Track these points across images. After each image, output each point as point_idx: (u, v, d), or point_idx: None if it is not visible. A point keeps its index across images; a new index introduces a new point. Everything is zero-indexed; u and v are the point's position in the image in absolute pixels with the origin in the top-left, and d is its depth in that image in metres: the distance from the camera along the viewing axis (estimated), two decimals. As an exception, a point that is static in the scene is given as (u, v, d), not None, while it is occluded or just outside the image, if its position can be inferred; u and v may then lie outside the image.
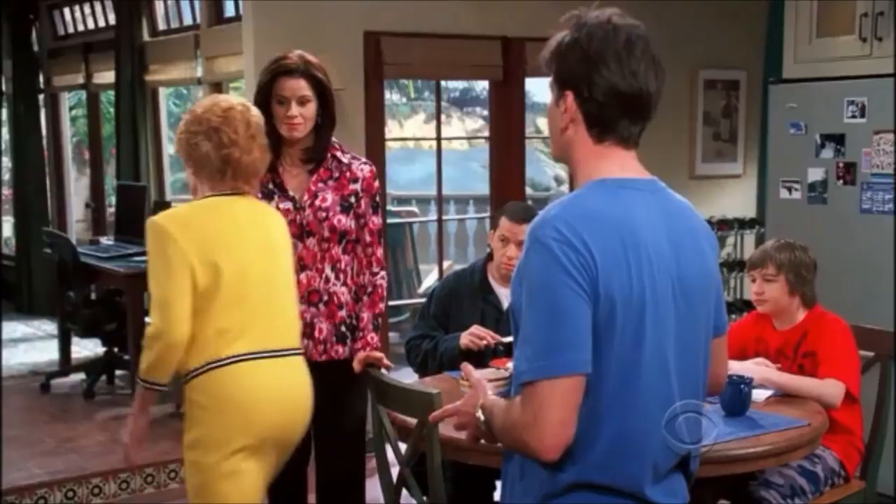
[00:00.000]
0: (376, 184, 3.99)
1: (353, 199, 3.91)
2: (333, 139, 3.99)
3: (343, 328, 3.94)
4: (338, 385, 3.91)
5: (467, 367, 2.45)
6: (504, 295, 4.56)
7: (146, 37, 8.52)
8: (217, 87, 7.74)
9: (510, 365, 3.15)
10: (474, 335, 4.34)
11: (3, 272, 11.21)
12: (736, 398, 3.64)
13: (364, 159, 4.05)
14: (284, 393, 3.45)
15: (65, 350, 7.74)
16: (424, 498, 3.49)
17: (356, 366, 3.86)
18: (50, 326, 9.36)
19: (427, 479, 3.37)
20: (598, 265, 2.10)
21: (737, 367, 3.84)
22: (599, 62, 2.21)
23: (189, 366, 3.34)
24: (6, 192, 12.21)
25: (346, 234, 3.90)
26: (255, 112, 3.57)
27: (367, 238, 3.94)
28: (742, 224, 7.96)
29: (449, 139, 11.79)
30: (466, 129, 15.67)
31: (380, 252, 3.96)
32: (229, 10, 7.41)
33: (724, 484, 3.88)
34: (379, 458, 3.64)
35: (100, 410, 6.91)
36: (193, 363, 3.34)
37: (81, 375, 7.49)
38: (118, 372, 7.44)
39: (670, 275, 2.19)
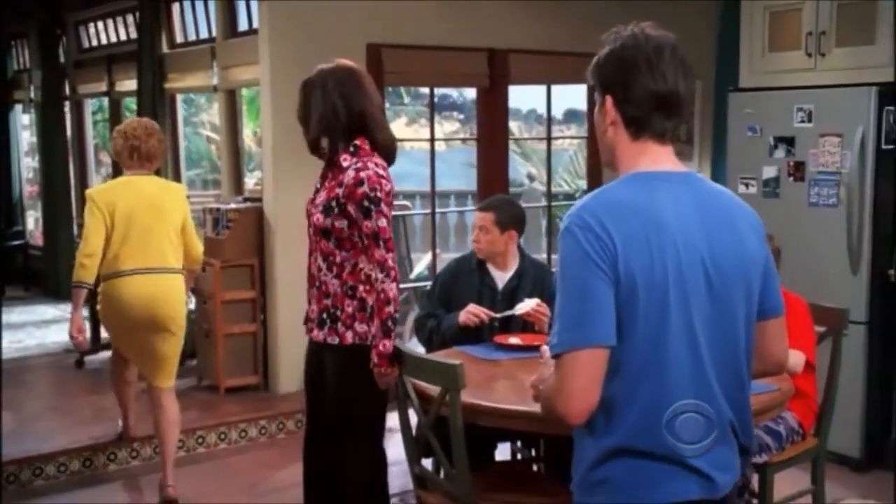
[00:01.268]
0: (360, 190, 3.66)
1: (334, 203, 3.72)
2: (357, 142, 3.79)
3: (325, 315, 3.79)
4: (319, 362, 3.88)
5: (544, 347, 2.44)
6: (499, 277, 4.62)
7: (165, 48, 8.50)
8: (231, 94, 7.75)
9: None
10: (471, 313, 4.40)
11: (32, 261, 11.20)
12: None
13: (361, 166, 3.72)
14: (151, 294, 4.97)
15: (95, 330, 7.72)
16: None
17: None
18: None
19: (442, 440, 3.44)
20: (618, 249, 2.10)
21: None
22: (633, 67, 2.22)
23: (100, 275, 4.97)
24: (30, 189, 12.19)
25: (327, 231, 3.75)
26: (152, 124, 5.34)
27: (365, 241, 3.71)
28: (698, 216, 8.04)
29: (443, 140, 11.78)
30: (444, 131, 15.70)
31: (379, 254, 3.66)
32: (243, 25, 7.40)
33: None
34: (402, 419, 3.68)
35: (129, 383, 6.89)
36: (102, 274, 4.96)
37: (110, 353, 7.47)
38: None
39: (700, 257, 2.17)
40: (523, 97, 13.85)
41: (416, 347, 4.58)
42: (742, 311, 2.25)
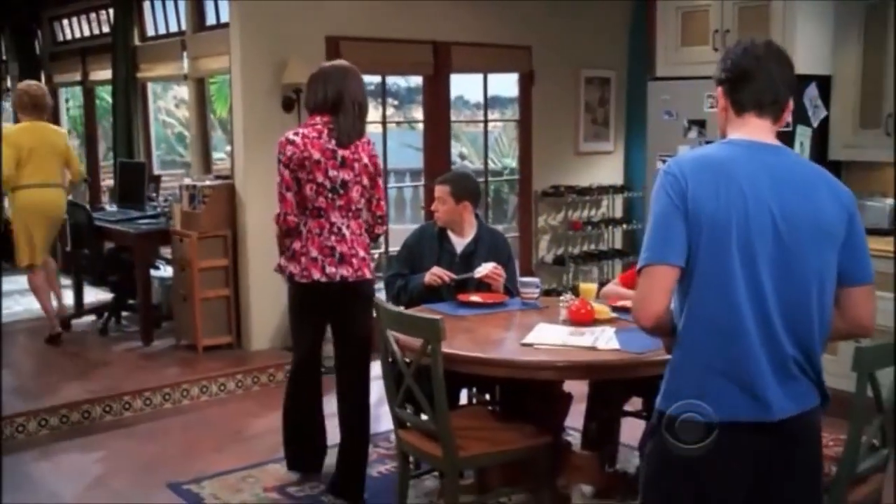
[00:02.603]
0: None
1: None
2: (311, 119, 4.28)
3: None
4: None
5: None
6: (457, 242, 4.63)
7: (137, 41, 8.30)
8: (200, 82, 7.62)
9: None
10: (434, 274, 4.43)
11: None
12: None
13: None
14: (44, 200, 6.52)
15: (78, 297, 7.58)
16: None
17: None
18: (56, 279, 9.16)
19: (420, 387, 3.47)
20: (689, 190, 2.28)
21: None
22: (739, 61, 2.40)
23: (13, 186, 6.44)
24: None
25: None
26: (43, 86, 7.11)
27: None
28: (615, 189, 8.13)
29: (398, 123, 11.69)
30: (380, 115, 15.71)
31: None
32: (210, 19, 7.27)
33: (638, 382, 3.99)
34: (384, 368, 3.67)
35: (114, 344, 6.77)
36: (15, 184, 6.40)
37: (92, 317, 7.34)
38: (124, 313, 7.29)
39: (769, 209, 2.27)
40: (452, 85, 13.74)
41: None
42: (814, 262, 2.32)
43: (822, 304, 2.33)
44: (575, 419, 4.18)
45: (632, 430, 4.49)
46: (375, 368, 4.09)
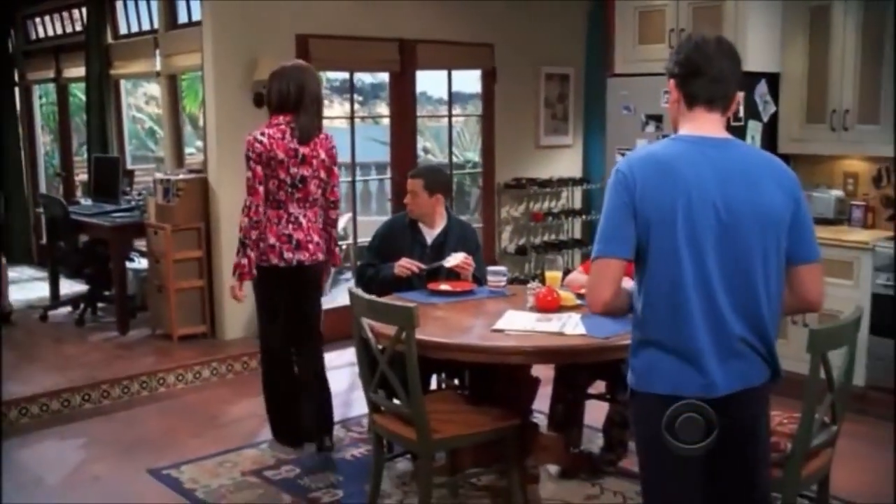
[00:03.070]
0: (244, 148, 4.38)
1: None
2: (273, 119, 4.43)
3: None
4: None
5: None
6: (428, 233, 4.63)
7: (110, 39, 8.20)
8: (173, 79, 7.54)
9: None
10: (402, 266, 4.45)
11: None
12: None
13: (252, 132, 4.40)
14: None
15: (54, 288, 7.49)
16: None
17: None
18: (31, 271, 9.04)
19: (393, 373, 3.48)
20: (637, 188, 2.36)
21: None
22: (691, 56, 2.45)
23: None
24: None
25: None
26: None
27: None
28: (574, 182, 8.17)
29: (366, 118, 11.63)
30: (345, 111, 15.64)
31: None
32: (182, 18, 7.20)
33: (601, 366, 4.03)
34: (359, 354, 3.67)
35: (91, 334, 6.70)
36: None
37: (69, 308, 7.25)
38: (99, 305, 7.21)
39: (712, 201, 2.33)
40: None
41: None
42: (758, 247, 2.38)
43: (770, 285, 2.40)
44: (541, 402, 4.21)
45: (596, 413, 4.54)
46: (347, 355, 4.07)
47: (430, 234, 4.63)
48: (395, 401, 3.62)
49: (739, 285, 2.36)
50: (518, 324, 3.69)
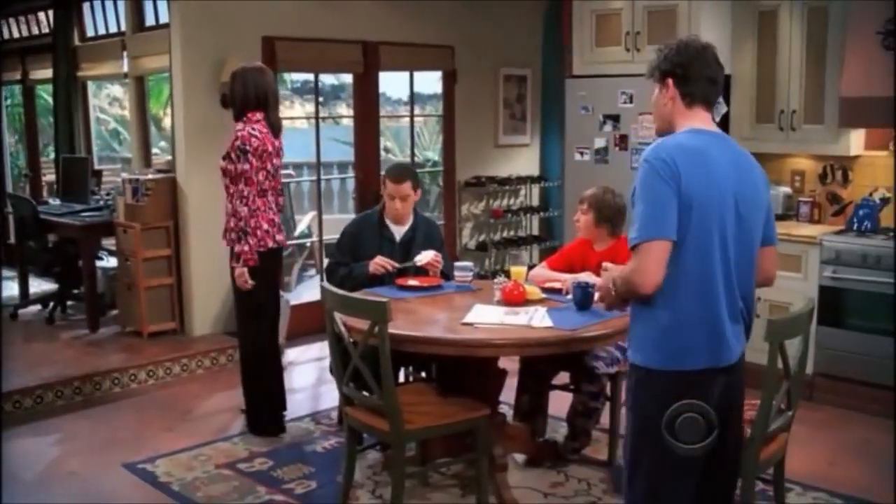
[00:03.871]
0: (235, 142, 4.53)
1: (228, 151, 4.57)
2: (249, 115, 4.62)
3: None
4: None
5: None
6: (396, 231, 4.61)
7: (77, 41, 8.07)
8: (140, 80, 7.44)
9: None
10: (378, 264, 4.44)
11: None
12: (585, 297, 3.76)
13: (241, 127, 4.58)
14: None
15: (23, 287, 7.35)
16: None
17: None
18: (-2, 270, 8.88)
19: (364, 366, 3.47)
20: (681, 173, 2.45)
21: (583, 276, 4.00)
22: (693, 59, 2.60)
23: None
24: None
25: (224, 171, 4.59)
26: None
27: (235, 179, 4.59)
28: (532, 180, 8.19)
29: (327, 118, 11.54)
30: (307, 111, 15.49)
31: (241, 188, 4.57)
32: (150, 20, 7.11)
33: (565, 358, 4.06)
34: (332, 349, 3.65)
35: (61, 332, 6.58)
36: None
37: (38, 306, 7.13)
38: (69, 302, 7.10)
39: (733, 191, 2.53)
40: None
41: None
42: (756, 232, 2.64)
43: (754, 262, 2.65)
44: (507, 394, 4.22)
45: (559, 403, 4.57)
46: (314, 349, 4.05)
47: (399, 232, 4.61)
48: (365, 393, 3.61)
49: (744, 264, 2.58)
50: (487, 317, 3.70)
